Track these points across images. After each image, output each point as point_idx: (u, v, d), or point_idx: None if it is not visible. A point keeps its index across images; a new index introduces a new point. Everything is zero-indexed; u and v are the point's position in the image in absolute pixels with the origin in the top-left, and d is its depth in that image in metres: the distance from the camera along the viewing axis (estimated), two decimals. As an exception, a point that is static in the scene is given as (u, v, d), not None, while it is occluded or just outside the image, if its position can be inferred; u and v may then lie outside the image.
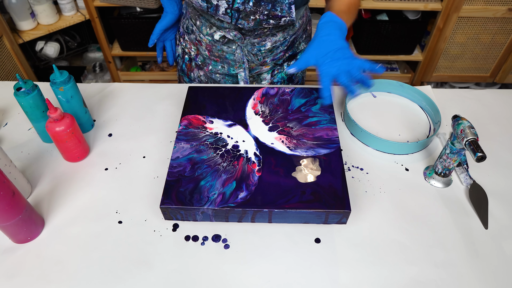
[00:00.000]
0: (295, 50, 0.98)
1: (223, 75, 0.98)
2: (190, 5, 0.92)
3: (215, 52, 0.93)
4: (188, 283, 0.60)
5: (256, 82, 0.99)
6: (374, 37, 1.94)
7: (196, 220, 0.67)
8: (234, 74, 0.96)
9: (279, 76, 0.99)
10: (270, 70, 0.97)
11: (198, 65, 1.00)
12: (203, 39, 0.92)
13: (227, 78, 0.98)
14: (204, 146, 0.74)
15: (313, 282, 0.60)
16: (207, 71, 0.98)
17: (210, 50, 0.93)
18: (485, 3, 1.77)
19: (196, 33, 0.93)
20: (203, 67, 0.98)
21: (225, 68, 0.96)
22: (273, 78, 0.99)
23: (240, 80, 0.95)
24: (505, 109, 0.91)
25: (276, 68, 0.98)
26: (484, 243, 0.65)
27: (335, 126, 0.78)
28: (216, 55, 0.93)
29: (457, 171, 0.76)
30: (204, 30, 0.90)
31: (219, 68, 0.96)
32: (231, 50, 0.91)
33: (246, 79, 0.94)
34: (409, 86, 0.91)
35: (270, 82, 0.99)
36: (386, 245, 0.64)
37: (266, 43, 0.89)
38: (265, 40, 0.89)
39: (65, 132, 0.72)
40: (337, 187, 0.67)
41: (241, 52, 0.90)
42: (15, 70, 1.76)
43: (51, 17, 1.81)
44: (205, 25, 0.90)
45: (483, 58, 2.01)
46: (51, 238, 0.66)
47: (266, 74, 0.98)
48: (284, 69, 0.99)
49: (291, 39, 0.93)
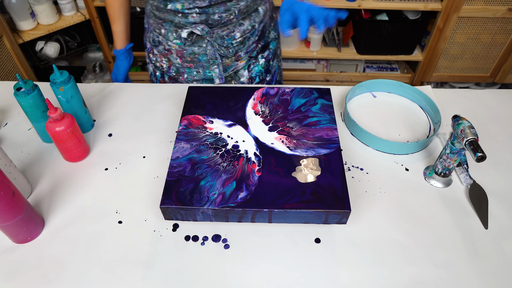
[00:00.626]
0: (266, 39, 0.98)
1: (200, 81, 0.97)
2: (151, 16, 0.92)
3: (187, 57, 0.92)
4: (188, 283, 0.60)
5: (234, 81, 0.98)
6: (374, 37, 1.94)
7: (196, 220, 0.67)
8: (211, 77, 0.95)
9: (256, 70, 0.99)
10: (246, 65, 0.97)
11: (172, 77, 0.99)
12: (172, 46, 0.91)
13: (206, 83, 0.97)
14: (204, 146, 0.74)
15: (313, 282, 0.60)
16: (183, 80, 0.97)
17: (182, 56, 0.92)
18: (485, 3, 1.77)
19: (164, 43, 0.92)
20: (178, 77, 0.97)
21: (200, 73, 0.95)
22: (251, 73, 0.99)
23: (215, 78, 0.92)
24: (505, 109, 0.91)
25: (252, 62, 0.97)
26: (484, 243, 0.65)
27: (335, 126, 0.78)
28: (188, 60, 0.92)
29: (457, 171, 0.76)
30: (170, 36, 0.90)
31: (195, 74, 0.95)
32: (203, 50, 0.90)
33: (221, 75, 0.92)
34: (409, 86, 0.91)
35: (249, 78, 0.99)
36: (386, 245, 0.64)
37: (235, 34, 0.89)
38: (233, 31, 0.88)
39: (65, 132, 0.72)
40: (337, 187, 0.67)
41: (212, 48, 0.88)
42: (15, 70, 1.76)
43: (51, 17, 1.81)
44: (170, 30, 0.89)
45: (483, 58, 2.01)
46: (51, 238, 0.66)
47: (243, 70, 0.97)
48: (259, 61, 0.99)
49: (260, 28, 0.93)
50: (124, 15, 1.01)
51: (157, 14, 0.89)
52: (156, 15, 0.90)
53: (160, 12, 0.87)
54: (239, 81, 0.98)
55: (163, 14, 0.87)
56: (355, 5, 1.82)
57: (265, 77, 1.03)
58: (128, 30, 1.04)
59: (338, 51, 2.06)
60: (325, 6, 0.78)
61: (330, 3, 1.83)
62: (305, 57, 2.08)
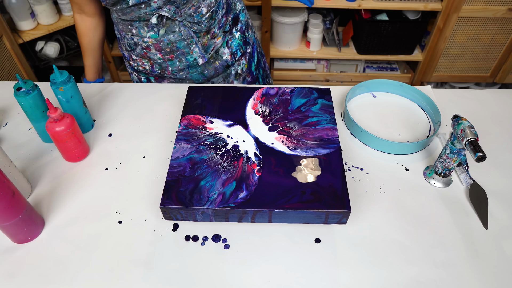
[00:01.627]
0: (234, 11, 0.99)
1: (186, 70, 0.97)
2: (118, 22, 0.92)
3: (165, 48, 0.92)
4: (188, 283, 0.60)
5: (218, 61, 0.98)
6: (374, 37, 1.94)
7: (196, 220, 0.67)
8: (195, 64, 0.96)
9: (235, 43, 1.00)
10: (224, 42, 0.98)
11: (158, 75, 0.99)
12: (149, 41, 0.91)
13: (192, 71, 0.97)
14: (204, 146, 0.74)
15: (313, 282, 0.60)
16: (169, 74, 0.97)
17: (160, 49, 0.92)
18: (485, 3, 1.77)
19: (139, 42, 0.92)
20: (163, 73, 0.98)
21: (183, 61, 0.95)
22: (231, 49, 1.00)
23: (198, 58, 0.93)
24: (505, 109, 0.91)
25: (228, 38, 0.99)
26: (484, 243, 0.65)
27: (335, 126, 0.78)
28: (168, 51, 0.92)
29: (457, 171, 0.76)
30: (143, 32, 0.90)
31: (178, 64, 0.95)
32: (178, 35, 0.89)
33: (202, 54, 0.93)
34: (409, 86, 0.91)
35: (230, 54, 1.00)
36: (386, 245, 0.64)
37: (202, 9, 0.89)
38: (199, 7, 0.89)
39: (65, 132, 0.72)
40: (337, 187, 0.67)
41: (185, 28, 0.89)
42: (15, 70, 1.76)
43: (51, 17, 1.81)
44: (141, 26, 0.89)
45: (483, 58, 2.01)
46: (51, 238, 0.66)
47: (222, 48, 0.98)
48: (235, 35, 1.00)
49: (224, 0, 0.95)
50: (93, 51, 1.02)
51: (124, 18, 0.89)
52: (123, 19, 0.90)
53: (125, 15, 0.87)
54: (222, 60, 0.99)
55: (129, 15, 0.87)
56: (355, 5, 1.82)
57: (246, 50, 1.04)
58: (98, 64, 1.06)
59: (338, 51, 2.07)
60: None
61: (330, 3, 1.83)
62: (305, 57, 2.08)
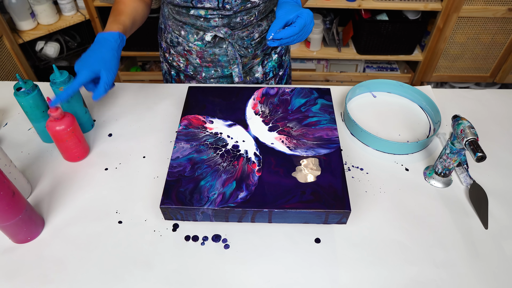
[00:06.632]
0: None
1: (217, 79, 0.98)
2: (170, 18, 0.92)
3: (207, 57, 0.93)
4: (188, 283, 0.60)
5: (249, 76, 1.00)
6: (374, 37, 1.94)
7: (196, 220, 0.67)
8: (228, 75, 0.97)
9: (270, 65, 1.02)
10: (260, 61, 0.99)
11: (189, 75, 1.00)
12: (193, 47, 0.92)
13: (222, 81, 0.99)
14: (204, 146, 0.74)
15: (313, 282, 0.60)
16: (200, 78, 0.98)
17: (202, 57, 0.93)
18: (485, 3, 1.77)
19: (184, 44, 0.93)
20: (196, 76, 0.99)
21: (218, 72, 0.96)
22: (265, 69, 1.01)
23: (234, 77, 0.95)
24: (505, 109, 0.91)
25: (266, 58, 1.00)
26: (484, 243, 0.65)
27: (335, 126, 0.78)
28: (208, 60, 0.94)
29: (457, 171, 0.76)
30: (191, 38, 0.91)
31: (213, 73, 0.97)
32: (223, 51, 0.91)
33: (240, 74, 0.95)
34: (409, 86, 0.91)
35: (263, 73, 1.01)
36: (386, 245, 0.64)
37: (254, 35, 0.91)
38: (253, 32, 0.91)
39: (65, 131, 0.72)
40: (337, 187, 0.67)
41: (233, 49, 0.90)
42: (15, 70, 1.76)
43: (51, 17, 1.81)
44: (191, 32, 0.90)
45: (483, 58, 2.01)
46: (51, 238, 0.66)
47: (257, 66, 0.99)
48: (272, 57, 1.00)
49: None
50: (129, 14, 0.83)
51: (177, 17, 0.90)
52: (176, 18, 0.91)
53: (181, 16, 0.88)
54: (254, 77, 1.00)
55: (184, 18, 0.88)
56: (355, 5, 1.82)
57: (278, 72, 1.05)
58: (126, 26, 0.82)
59: (338, 51, 2.06)
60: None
61: (330, 3, 1.83)
62: (305, 57, 2.08)
